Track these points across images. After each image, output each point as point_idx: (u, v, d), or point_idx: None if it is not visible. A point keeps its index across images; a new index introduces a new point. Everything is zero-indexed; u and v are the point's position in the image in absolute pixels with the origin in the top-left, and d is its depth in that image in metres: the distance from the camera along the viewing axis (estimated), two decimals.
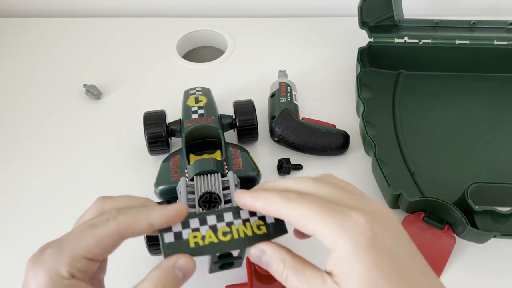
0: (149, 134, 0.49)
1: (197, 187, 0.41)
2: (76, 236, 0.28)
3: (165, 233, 0.30)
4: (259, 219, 0.31)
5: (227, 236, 0.31)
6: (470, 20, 0.59)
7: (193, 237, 0.30)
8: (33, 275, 0.27)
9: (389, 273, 0.26)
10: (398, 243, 0.27)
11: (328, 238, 0.27)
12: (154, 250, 0.41)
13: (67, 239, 0.29)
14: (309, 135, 0.50)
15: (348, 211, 0.27)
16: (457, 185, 0.46)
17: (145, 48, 0.65)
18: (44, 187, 0.50)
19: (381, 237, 0.26)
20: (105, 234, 0.28)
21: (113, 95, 0.59)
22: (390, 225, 0.28)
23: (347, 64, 0.61)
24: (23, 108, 0.58)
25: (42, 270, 0.27)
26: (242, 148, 0.48)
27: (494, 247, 0.44)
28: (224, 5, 0.72)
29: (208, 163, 0.43)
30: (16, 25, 0.69)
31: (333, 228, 0.26)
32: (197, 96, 0.51)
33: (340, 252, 0.26)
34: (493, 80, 0.59)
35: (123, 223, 0.28)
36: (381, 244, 0.26)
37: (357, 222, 0.26)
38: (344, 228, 0.26)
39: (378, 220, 0.27)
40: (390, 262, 0.26)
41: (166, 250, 0.29)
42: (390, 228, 0.28)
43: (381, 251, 0.26)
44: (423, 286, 0.26)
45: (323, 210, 0.27)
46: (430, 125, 0.54)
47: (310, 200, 0.28)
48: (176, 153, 0.48)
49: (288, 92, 0.54)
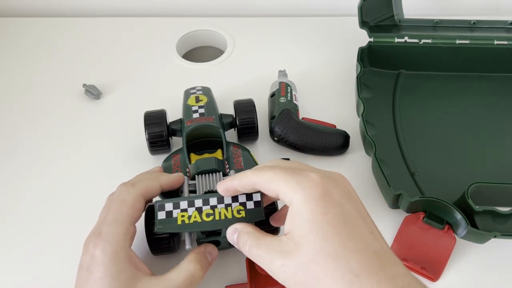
0: (150, 134, 0.49)
1: (199, 186, 0.41)
2: (116, 213, 0.37)
3: (159, 212, 0.37)
4: (240, 204, 0.36)
5: (209, 217, 0.36)
6: (470, 20, 0.59)
7: (181, 216, 0.36)
8: (100, 250, 0.34)
9: (336, 222, 0.29)
10: (347, 200, 0.30)
11: (288, 194, 0.31)
12: (156, 250, 0.42)
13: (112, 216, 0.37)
14: (309, 135, 0.50)
15: (307, 173, 0.31)
16: (457, 185, 0.45)
17: (145, 48, 0.65)
18: (44, 187, 0.50)
19: (331, 192, 0.30)
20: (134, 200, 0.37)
21: (112, 95, 0.59)
22: (343, 187, 0.32)
23: (347, 64, 0.61)
24: (23, 108, 0.58)
25: (107, 244, 0.35)
26: (243, 147, 0.49)
27: (494, 247, 0.44)
28: (224, 5, 0.72)
29: (209, 162, 0.43)
30: (16, 25, 0.69)
31: (292, 185, 0.30)
32: (197, 96, 0.51)
33: (295, 205, 0.30)
34: (493, 80, 0.58)
35: (142, 187, 0.39)
36: (330, 197, 0.30)
37: (312, 179, 0.30)
38: (301, 184, 0.30)
39: (332, 181, 0.31)
40: (337, 212, 0.29)
41: (157, 224, 0.36)
42: (342, 189, 0.31)
43: (329, 203, 0.29)
44: (367, 237, 0.29)
45: (285, 172, 0.31)
46: (430, 125, 0.54)
47: (275, 167, 0.33)
48: (176, 153, 0.48)
49: (288, 92, 0.54)
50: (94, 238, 0.36)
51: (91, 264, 0.35)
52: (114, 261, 0.34)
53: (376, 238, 0.30)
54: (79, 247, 0.41)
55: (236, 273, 0.43)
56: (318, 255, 0.28)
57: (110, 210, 0.37)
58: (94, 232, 0.36)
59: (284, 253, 0.30)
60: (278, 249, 0.30)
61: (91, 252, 0.35)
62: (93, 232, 0.37)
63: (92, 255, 0.35)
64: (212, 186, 0.41)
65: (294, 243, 0.29)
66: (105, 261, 0.34)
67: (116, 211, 0.37)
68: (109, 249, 0.35)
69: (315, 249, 0.28)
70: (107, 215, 0.37)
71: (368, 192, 0.48)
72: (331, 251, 0.28)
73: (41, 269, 0.44)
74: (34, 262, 0.45)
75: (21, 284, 0.43)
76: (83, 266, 0.35)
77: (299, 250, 0.29)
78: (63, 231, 0.47)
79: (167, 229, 0.36)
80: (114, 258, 0.34)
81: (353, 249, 0.28)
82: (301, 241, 0.29)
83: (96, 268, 0.34)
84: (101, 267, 0.34)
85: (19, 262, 0.45)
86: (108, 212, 0.37)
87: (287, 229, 0.30)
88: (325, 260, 0.28)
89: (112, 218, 0.37)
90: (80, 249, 0.37)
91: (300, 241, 0.29)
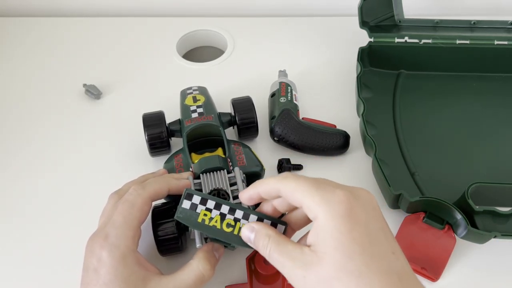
0: (150, 136, 0.49)
1: (205, 184, 0.42)
2: (125, 215, 0.37)
3: (185, 200, 0.36)
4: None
5: (229, 228, 0.35)
6: (470, 20, 0.59)
7: (203, 214, 0.35)
8: (107, 252, 0.34)
9: (361, 241, 0.29)
10: (372, 218, 0.30)
11: (312, 208, 0.30)
12: (164, 250, 0.42)
13: (121, 218, 0.36)
14: (309, 135, 0.50)
15: (333, 188, 0.31)
16: (457, 185, 0.45)
17: (145, 47, 0.65)
18: (43, 187, 0.50)
19: (357, 210, 0.30)
20: (143, 203, 0.38)
21: (113, 95, 0.59)
22: (368, 205, 0.31)
23: (347, 64, 0.61)
24: (23, 108, 0.58)
25: (114, 247, 0.35)
26: (243, 144, 0.49)
27: (494, 247, 0.44)
28: (224, 5, 0.72)
29: (213, 161, 0.43)
30: (16, 25, 0.69)
31: (317, 200, 0.30)
32: (194, 96, 0.51)
33: (320, 220, 0.30)
34: (493, 80, 0.58)
35: (152, 191, 0.39)
36: (356, 216, 0.29)
37: (339, 196, 0.30)
38: (326, 200, 0.30)
39: (357, 199, 0.31)
40: (362, 231, 0.29)
41: (179, 213, 0.36)
42: (368, 207, 0.31)
43: (355, 221, 0.29)
44: (389, 258, 0.29)
45: (311, 185, 0.31)
46: (430, 125, 0.54)
47: (299, 178, 0.32)
48: (177, 153, 0.48)
49: (288, 92, 0.54)
50: (100, 240, 0.35)
51: (99, 266, 0.35)
52: (123, 263, 0.34)
53: (397, 257, 0.30)
54: (78, 246, 0.41)
55: (236, 273, 0.43)
56: (341, 273, 0.28)
57: (118, 211, 0.37)
58: (100, 233, 0.36)
59: (306, 265, 0.30)
60: (300, 259, 0.30)
61: (97, 254, 0.35)
62: (99, 233, 0.36)
63: (99, 257, 0.35)
64: (217, 184, 0.41)
65: (318, 257, 0.29)
66: (114, 264, 0.34)
67: (125, 213, 0.37)
68: (117, 252, 0.35)
69: (339, 266, 0.28)
70: (113, 216, 0.37)
71: None
72: (355, 270, 0.28)
73: (39, 270, 0.44)
74: (33, 263, 0.45)
75: (22, 284, 0.43)
76: (90, 268, 0.35)
77: (323, 265, 0.29)
78: (62, 231, 0.47)
79: (185, 221, 0.35)
80: (122, 261, 0.35)
81: (376, 269, 0.28)
82: (325, 257, 0.29)
83: (105, 270, 0.34)
84: (110, 270, 0.34)
85: (18, 262, 0.45)
86: (116, 213, 0.37)
87: (310, 241, 0.30)
88: (348, 279, 0.28)
89: (121, 221, 0.36)
90: (79, 248, 0.37)
91: (324, 256, 0.29)
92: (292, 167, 0.50)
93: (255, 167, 0.46)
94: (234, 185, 0.42)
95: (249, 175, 0.45)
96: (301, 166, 0.50)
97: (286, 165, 0.50)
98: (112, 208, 0.39)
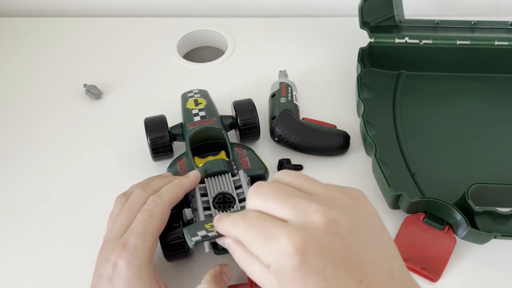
0: (152, 140, 0.48)
1: (210, 188, 0.41)
2: (145, 224, 0.36)
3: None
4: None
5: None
6: (470, 21, 0.59)
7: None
8: (125, 262, 0.34)
9: None
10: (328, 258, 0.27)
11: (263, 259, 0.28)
12: (171, 256, 0.41)
13: (141, 228, 0.36)
14: (309, 136, 0.50)
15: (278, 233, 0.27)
16: (457, 185, 0.45)
17: (146, 48, 0.65)
18: (43, 187, 0.50)
19: (309, 258, 0.26)
20: (163, 212, 0.38)
21: (113, 95, 0.59)
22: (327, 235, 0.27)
23: (348, 64, 0.61)
24: (22, 108, 0.58)
25: (133, 257, 0.34)
26: (246, 147, 0.49)
27: (495, 248, 0.44)
28: (224, 5, 0.72)
29: (218, 164, 0.43)
30: (16, 25, 0.69)
31: (264, 256, 0.28)
32: (196, 99, 0.51)
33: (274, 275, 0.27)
34: (493, 80, 0.58)
35: (169, 199, 0.39)
36: (308, 265, 0.26)
37: (284, 247, 0.27)
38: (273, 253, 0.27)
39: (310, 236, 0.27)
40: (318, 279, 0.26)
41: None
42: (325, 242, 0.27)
43: (307, 271, 0.26)
44: None
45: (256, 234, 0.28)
46: (430, 125, 0.54)
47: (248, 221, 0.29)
48: (180, 157, 0.48)
49: (288, 92, 0.54)
50: (118, 248, 0.35)
51: (114, 276, 0.34)
52: (138, 275, 0.34)
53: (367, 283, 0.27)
54: (78, 248, 0.41)
55: (237, 273, 0.43)
56: None
57: (137, 220, 0.37)
58: (117, 241, 0.36)
59: None
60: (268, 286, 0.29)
61: (114, 262, 0.35)
62: (116, 241, 0.36)
63: (115, 266, 0.34)
64: (223, 188, 0.41)
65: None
66: (130, 275, 0.34)
67: (145, 222, 0.36)
68: (135, 262, 0.34)
69: None
70: (133, 224, 0.36)
71: (368, 193, 0.47)
72: None
73: (37, 271, 0.44)
74: (31, 264, 0.44)
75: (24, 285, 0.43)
76: (104, 276, 0.35)
77: None
78: (62, 232, 0.47)
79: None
80: (138, 273, 0.34)
81: None
82: None
83: (120, 281, 0.34)
84: (125, 281, 0.34)
85: (20, 262, 0.45)
86: (135, 222, 0.37)
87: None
88: None
89: (141, 230, 0.36)
90: (79, 250, 0.37)
91: None
92: (292, 167, 0.50)
93: (259, 170, 0.46)
94: (239, 188, 0.42)
95: (254, 178, 0.45)
96: (301, 167, 0.51)
97: (286, 166, 0.50)
98: (120, 212, 0.38)
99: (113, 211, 0.40)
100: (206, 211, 0.40)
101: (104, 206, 0.42)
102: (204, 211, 0.40)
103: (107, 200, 0.42)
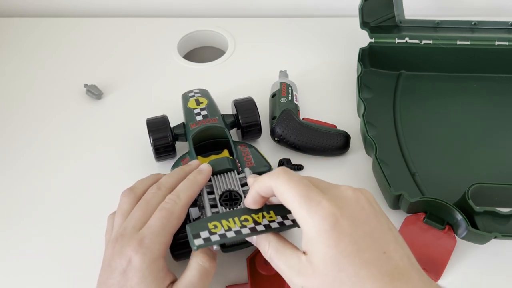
0: (155, 140, 0.48)
1: (216, 186, 0.42)
2: (164, 222, 0.37)
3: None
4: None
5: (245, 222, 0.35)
6: (471, 21, 0.59)
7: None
8: (140, 257, 0.35)
9: (348, 252, 0.29)
10: (358, 226, 0.31)
11: (300, 220, 0.31)
12: (179, 255, 0.41)
13: (160, 224, 0.37)
14: (309, 136, 0.50)
15: (320, 199, 0.31)
16: (457, 185, 0.45)
17: (146, 48, 0.65)
18: (43, 187, 0.50)
19: (342, 223, 0.30)
20: (181, 211, 0.38)
21: (114, 95, 0.59)
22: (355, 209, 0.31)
23: (348, 64, 0.61)
24: (23, 108, 0.58)
25: (149, 252, 0.35)
26: (249, 145, 0.49)
27: (495, 248, 0.44)
28: (225, 5, 0.72)
29: (223, 162, 0.43)
30: (16, 25, 0.69)
31: (304, 214, 0.31)
32: (197, 98, 0.51)
33: (307, 234, 0.31)
34: (494, 80, 0.58)
35: (187, 198, 0.39)
36: (341, 228, 0.30)
37: (324, 209, 0.30)
38: (312, 215, 0.30)
39: (343, 208, 0.31)
40: (349, 241, 0.30)
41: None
42: (354, 213, 0.31)
43: (340, 233, 0.30)
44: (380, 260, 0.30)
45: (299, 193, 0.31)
46: (431, 125, 0.54)
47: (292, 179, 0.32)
48: (184, 157, 0.48)
49: (288, 92, 0.54)
50: (134, 242, 0.35)
51: (128, 269, 0.35)
52: (150, 269, 0.35)
53: (389, 256, 0.30)
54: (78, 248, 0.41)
55: (237, 273, 0.43)
56: (335, 284, 0.30)
57: (156, 217, 0.37)
58: (134, 235, 0.36)
59: (303, 275, 0.31)
60: (297, 268, 0.31)
61: (129, 256, 0.35)
62: (130, 234, 0.36)
63: (129, 260, 0.35)
64: (229, 186, 0.41)
65: (312, 268, 0.30)
66: (143, 269, 0.35)
67: (164, 220, 0.37)
68: (150, 257, 0.35)
69: (332, 278, 0.30)
70: (151, 221, 0.37)
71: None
72: (347, 281, 0.29)
73: (37, 271, 0.44)
74: (31, 264, 0.44)
75: (23, 285, 0.43)
76: (117, 269, 0.35)
77: (316, 277, 0.30)
78: (62, 232, 0.47)
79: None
80: (150, 266, 0.35)
81: (366, 276, 0.29)
82: (318, 270, 0.30)
83: (134, 274, 0.35)
84: (138, 274, 0.35)
85: (20, 262, 0.45)
86: (154, 219, 0.37)
87: (304, 248, 0.31)
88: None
89: (159, 226, 0.37)
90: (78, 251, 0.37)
91: (316, 269, 0.30)
92: (292, 167, 0.50)
93: (263, 167, 0.46)
94: (245, 186, 0.42)
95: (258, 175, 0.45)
96: (301, 167, 0.51)
97: (286, 166, 0.50)
98: (136, 207, 0.38)
99: (121, 206, 0.40)
100: (213, 209, 0.40)
101: (105, 206, 0.42)
102: (211, 208, 0.40)
103: (108, 200, 0.42)
